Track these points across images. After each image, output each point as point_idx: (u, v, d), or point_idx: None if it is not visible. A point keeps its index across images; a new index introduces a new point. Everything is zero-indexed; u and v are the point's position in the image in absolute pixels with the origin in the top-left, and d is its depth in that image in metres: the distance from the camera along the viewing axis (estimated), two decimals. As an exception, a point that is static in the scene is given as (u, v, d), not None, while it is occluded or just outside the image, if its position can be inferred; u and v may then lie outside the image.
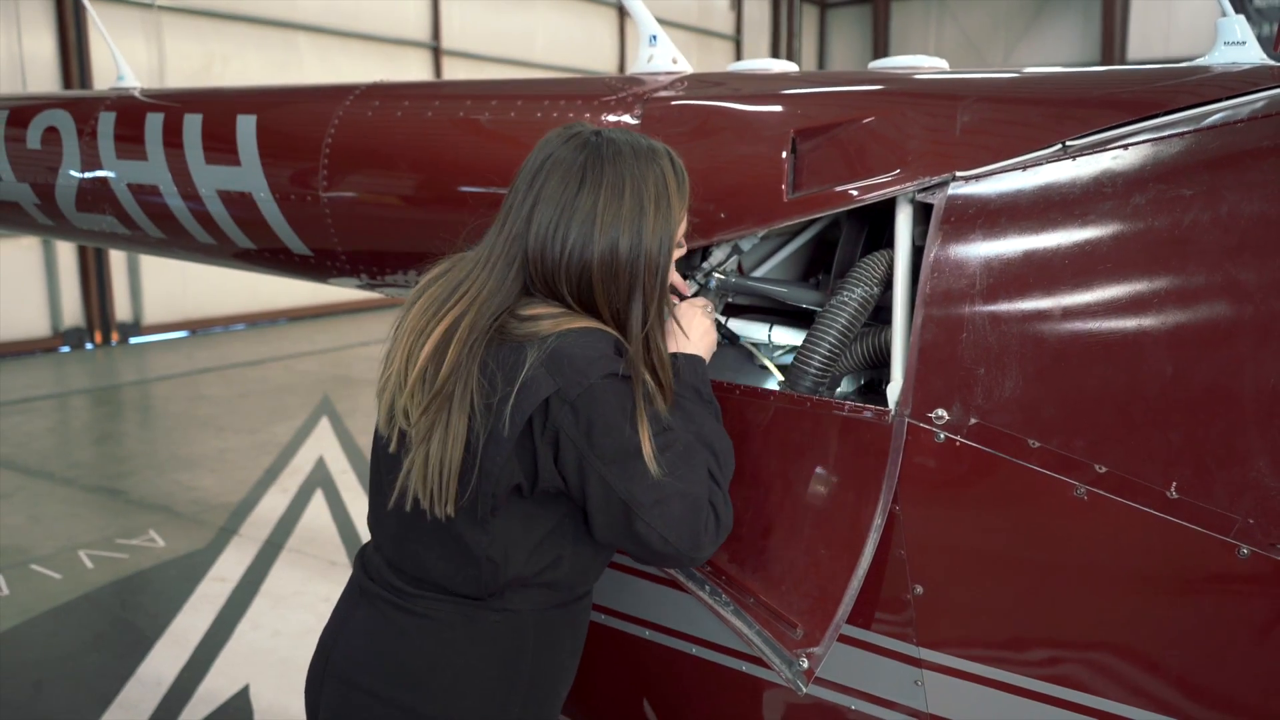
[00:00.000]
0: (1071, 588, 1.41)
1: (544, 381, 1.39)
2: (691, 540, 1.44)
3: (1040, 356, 1.40)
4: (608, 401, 1.40)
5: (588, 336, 1.43)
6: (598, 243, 1.45)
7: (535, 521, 1.49)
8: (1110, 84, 1.69)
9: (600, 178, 1.46)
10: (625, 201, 1.46)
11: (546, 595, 1.55)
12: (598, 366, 1.41)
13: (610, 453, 1.41)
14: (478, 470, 1.42)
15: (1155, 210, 1.38)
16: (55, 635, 4.59)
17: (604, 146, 1.48)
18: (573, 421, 1.40)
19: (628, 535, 1.45)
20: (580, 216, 1.45)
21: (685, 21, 19.36)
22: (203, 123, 2.51)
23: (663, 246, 1.50)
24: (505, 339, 1.43)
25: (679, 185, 1.54)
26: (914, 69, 1.96)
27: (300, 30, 12.95)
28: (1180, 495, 1.30)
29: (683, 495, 1.43)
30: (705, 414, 1.59)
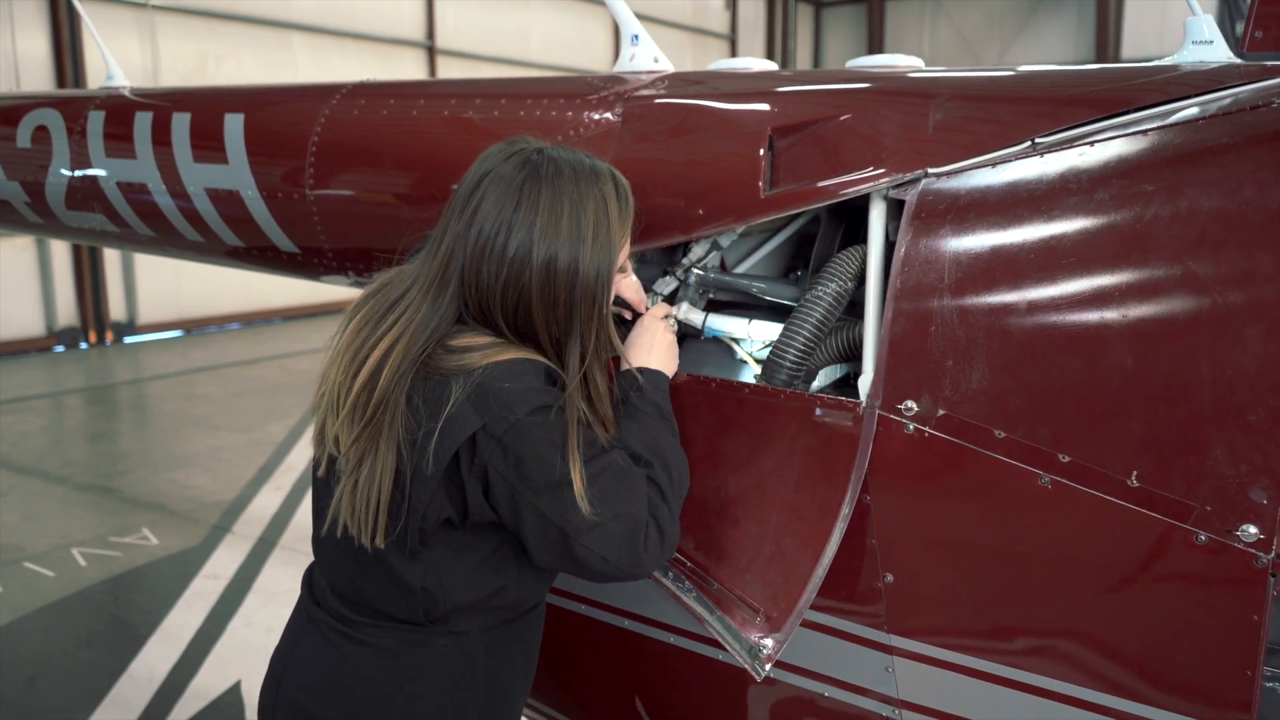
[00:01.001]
0: (1038, 575, 1.44)
1: (469, 418, 1.37)
2: (631, 559, 1.44)
3: (1006, 349, 1.43)
4: (536, 436, 1.39)
5: (515, 369, 1.42)
6: (535, 263, 1.43)
7: (470, 550, 1.49)
8: (1080, 82, 1.72)
9: (538, 198, 1.44)
10: (563, 225, 1.44)
11: (494, 615, 1.55)
12: (524, 401, 1.39)
13: (542, 484, 1.40)
14: (407, 505, 1.41)
15: (1117, 206, 1.41)
16: (48, 632, 4.61)
17: (544, 165, 1.47)
18: (500, 457, 1.38)
19: (567, 560, 1.45)
20: (517, 236, 1.43)
21: (680, 20, 19.40)
22: (191, 121, 2.53)
23: (600, 274, 1.48)
24: (432, 371, 1.41)
25: (621, 210, 1.53)
26: (890, 67, 1.98)
27: (295, 30, 12.97)
28: (1141, 484, 1.34)
29: (619, 517, 1.43)
30: (664, 429, 1.60)
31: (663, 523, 1.49)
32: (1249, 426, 1.28)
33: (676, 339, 1.80)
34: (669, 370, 1.72)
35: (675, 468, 1.56)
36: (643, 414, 1.60)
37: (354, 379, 1.43)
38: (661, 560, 1.50)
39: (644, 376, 1.65)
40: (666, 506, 1.51)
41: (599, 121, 2.01)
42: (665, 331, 1.75)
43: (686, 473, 1.60)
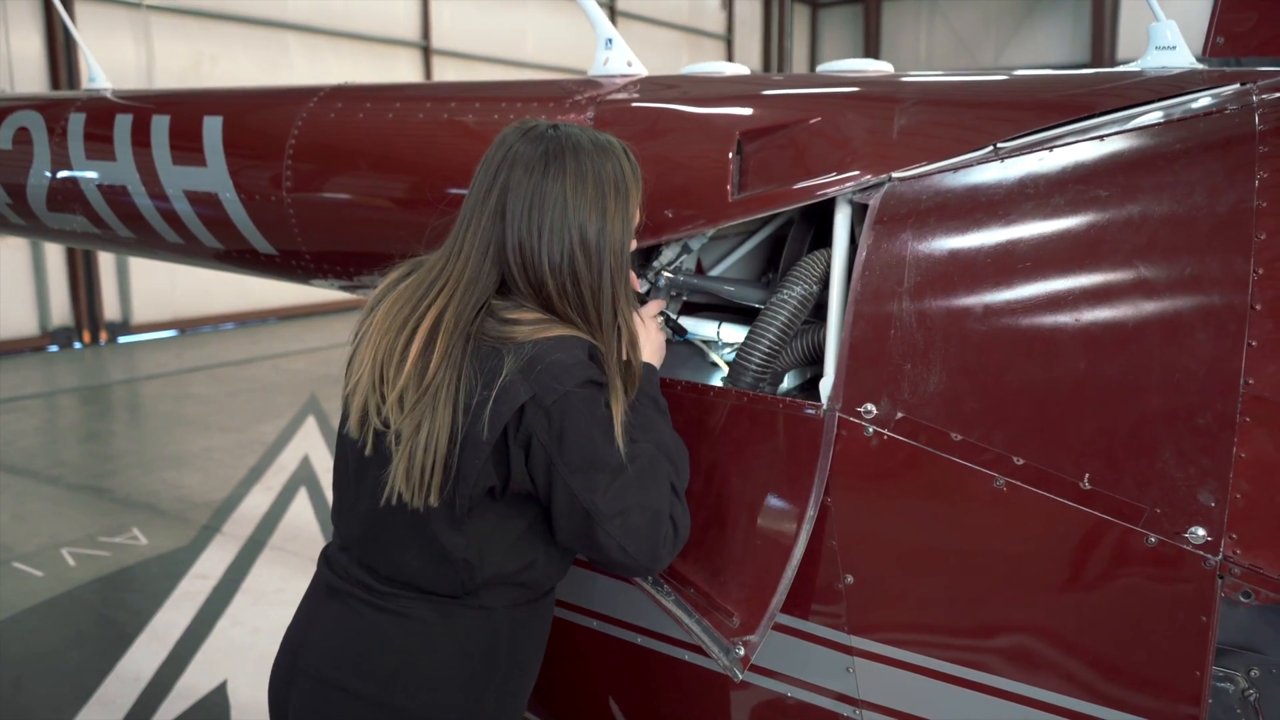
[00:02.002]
0: (994, 577, 1.45)
1: (520, 388, 1.41)
2: (650, 552, 1.47)
3: (963, 352, 1.45)
4: (581, 410, 1.43)
5: (564, 344, 1.45)
6: (572, 229, 1.48)
7: (509, 523, 1.52)
8: (1045, 87, 1.74)
9: (563, 167, 1.49)
10: (589, 189, 1.49)
11: (519, 593, 1.57)
12: (574, 374, 1.43)
13: (578, 462, 1.43)
14: (456, 471, 1.44)
15: (1072, 211, 1.43)
16: (36, 632, 4.62)
17: (563, 139, 1.52)
18: (545, 427, 1.42)
19: (589, 543, 1.48)
20: (551, 203, 1.47)
21: (676, 21, 19.42)
22: (170, 124, 2.55)
23: (626, 234, 1.54)
24: (483, 339, 1.45)
25: (635, 178, 1.58)
26: (860, 72, 2.00)
27: (290, 30, 12.96)
28: (1093, 486, 1.35)
29: (644, 508, 1.46)
30: (662, 423, 1.62)
31: (676, 518, 1.52)
32: (1197, 429, 1.29)
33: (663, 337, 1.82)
34: (658, 363, 1.75)
35: (679, 461, 1.59)
36: (641, 408, 1.61)
37: (406, 349, 1.46)
38: (674, 555, 1.52)
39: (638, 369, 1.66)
40: (679, 502, 1.54)
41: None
42: (657, 329, 1.79)
43: (687, 464, 1.63)
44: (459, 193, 2.13)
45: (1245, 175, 1.34)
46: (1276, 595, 1.26)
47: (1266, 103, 1.45)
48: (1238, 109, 1.45)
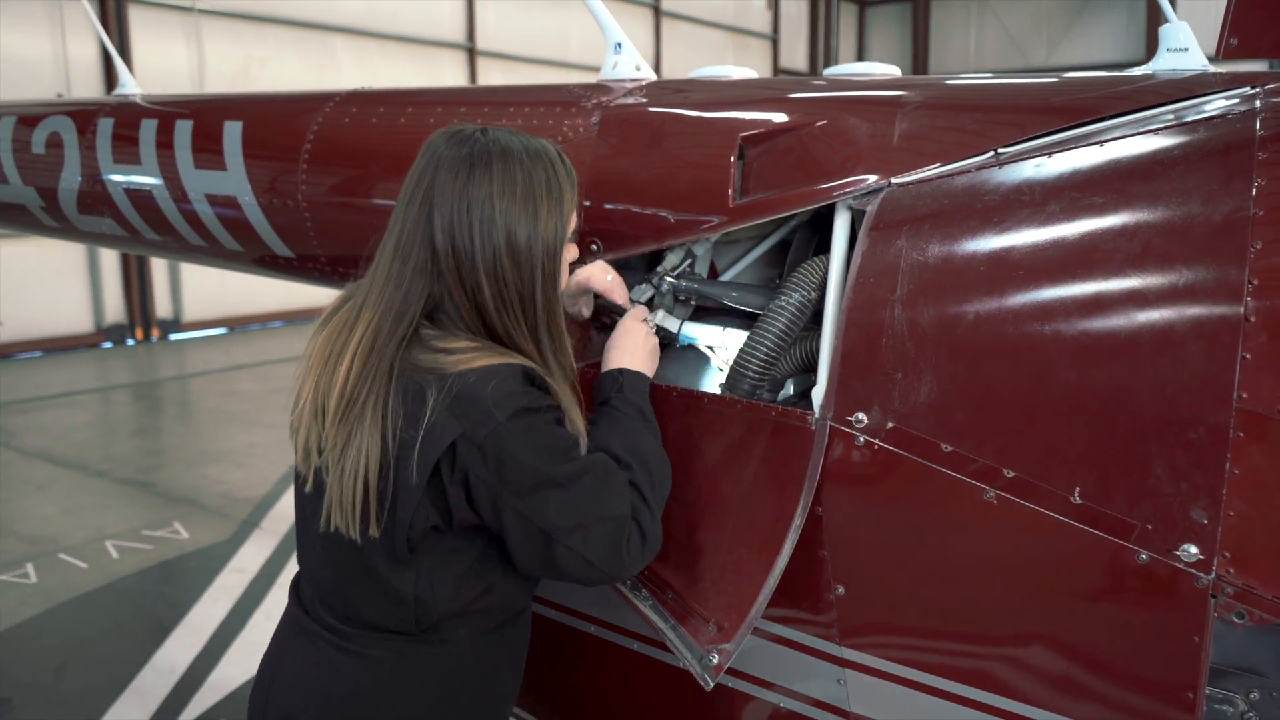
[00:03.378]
0: (984, 592, 1.42)
1: (448, 426, 1.37)
2: (614, 560, 1.45)
3: (955, 362, 1.42)
4: (516, 438, 1.39)
5: (492, 374, 1.41)
6: (499, 231, 1.44)
7: (459, 554, 1.49)
8: (1051, 91, 1.71)
9: (489, 170, 1.46)
10: (518, 192, 1.46)
11: (481, 621, 1.54)
12: (503, 406, 1.39)
13: (524, 487, 1.40)
14: (391, 512, 1.41)
15: (1067, 218, 1.40)
16: (78, 622, 4.74)
17: (490, 143, 1.49)
18: (480, 462, 1.39)
19: (550, 564, 1.45)
20: (479, 204, 1.44)
21: (720, 21, 19.38)
22: (193, 128, 2.59)
23: (559, 239, 1.51)
24: (408, 369, 1.41)
25: (570, 183, 1.55)
26: (866, 75, 1.98)
27: (337, 32, 13.15)
28: (1084, 500, 1.32)
29: (603, 519, 1.44)
30: (644, 431, 1.60)
31: (644, 524, 1.50)
32: (1190, 444, 1.26)
33: (658, 343, 1.81)
34: (649, 373, 1.73)
35: (656, 469, 1.57)
36: (624, 415, 1.61)
37: (333, 379, 1.44)
38: (644, 562, 1.51)
39: (625, 378, 1.67)
40: (648, 508, 1.52)
41: (576, 130, 2.02)
42: (647, 335, 1.77)
43: (668, 475, 1.60)
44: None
45: (1242, 183, 1.30)
46: (1270, 616, 1.22)
47: (1269, 107, 1.41)
48: (1240, 114, 1.41)
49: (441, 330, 1.47)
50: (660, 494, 1.57)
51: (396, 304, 1.45)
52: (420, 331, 1.46)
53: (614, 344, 1.74)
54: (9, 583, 5.13)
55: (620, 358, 1.71)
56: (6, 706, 3.98)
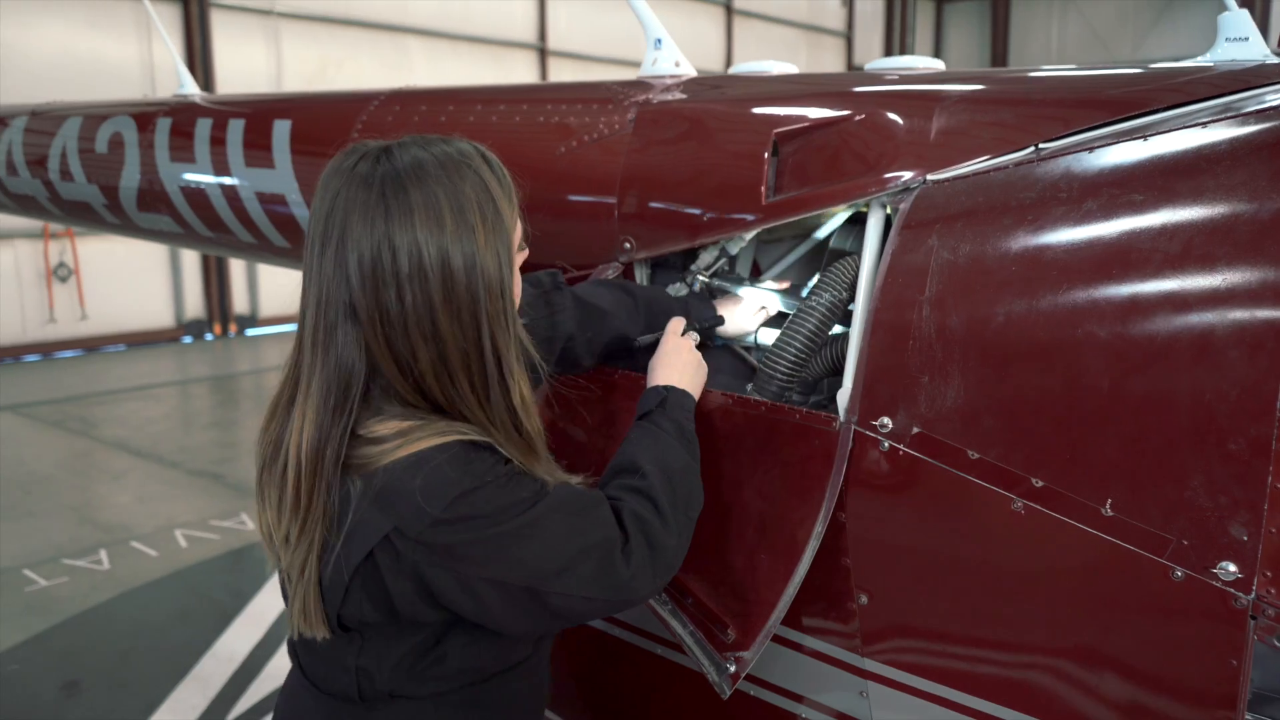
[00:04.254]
0: (1010, 605, 1.36)
1: (375, 523, 1.23)
2: (613, 586, 1.32)
3: (983, 366, 1.36)
4: (459, 525, 1.23)
5: (422, 463, 1.23)
6: (432, 271, 1.23)
7: (405, 637, 1.34)
8: (1098, 84, 1.63)
9: (407, 198, 1.23)
10: (445, 219, 1.23)
11: (442, 682, 1.38)
12: (436, 499, 1.22)
13: (487, 555, 1.25)
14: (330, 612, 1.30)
15: (1104, 216, 1.33)
16: (145, 608, 4.88)
17: (399, 167, 1.25)
18: (427, 555, 1.23)
19: (547, 616, 1.31)
20: (403, 246, 1.21)
21: (794, 18, 19.20)
22: (244, 127, 2.64)
23: (500, 264, 1.28)
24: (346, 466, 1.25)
25: (502, 187, 1.32)
26: (907, 69, 1.92)
27: (411, 34, 13.34)
28: (1115, 513, 1.25)
29: (585, 550, 1.30)
30: (678, 448, 1.49)
31: (652, 537, 1.37)
32: (1229, 456, 1.19)
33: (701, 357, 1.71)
34: (696, 390, 1.64)
35: (682, 485, 1.46)
36: (661, 431, 1.51)
37: (284, 484, 1.27)
38: (656, 577, 1.38)
39: (670, 395, 1.58)
40: (659, 520, 1.39)
41: (612, 127, 2.00)
42: (691, 350, 1.68)
43: (697, 495, 1.50)
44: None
45: (1291, 179, 1.22)
46: (1314, 641, 1.15)
47: (1326, 99, 1.32)
48: (1293, 106, 1.33)
49: (374, 409, 1.28)
50: (683, 511, 1.44)
51: (333, 384, 1.25)
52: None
53: (660, 360, 1.66)
54: (83, 568, 5.31)
55: (668, 375, 1.62)
56: (75, 689, 4.11)
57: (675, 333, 1.72)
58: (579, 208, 2.02)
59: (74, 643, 4.53)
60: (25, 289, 10.93)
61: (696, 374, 1.66)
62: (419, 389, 1.28)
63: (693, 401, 1.61)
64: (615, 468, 1.50)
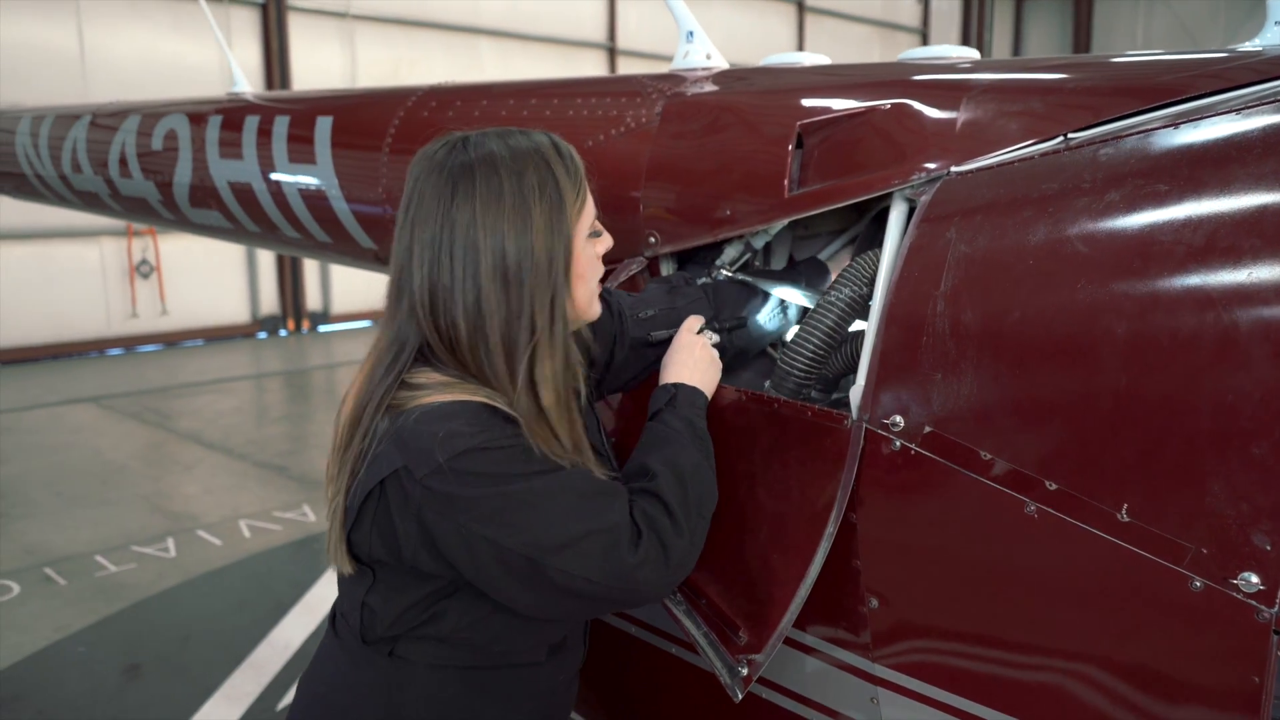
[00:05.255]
0: (1022, 612, 1.31)
1: (390, 457, 1.29)
2: (618, 572, 1.31)
3: (997, 363, 1.31)
4: (462, 477, 1.27)
5: (445, 411, 1.30)
6: (485, 255, 1.32)
7: (413, 585, 1.38)
8: (1131, 72, 1.56)
9: (473, 183, 1.33)
10: (505, 206, 1.33)
11: (445, 651, 1.41)
12: (446, 447, 1.27)
13: (488, 511, 1.28)
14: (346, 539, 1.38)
15: (1126, 209, 1.27)
16: (208, 596, 5.00)
17: (472, 154, 1.35)
18: (432, 501, 1.28)
19: (548, 591, 1.31)
20: (462, 229, 1.32)
21: (867, 15, 18.93)
22: (289, 124, 2.68)
23: (557, 246, 1.36)
24: (390, 407, 1.34)
25: (570, 176, 1.39)
26: (940, 59, 1.86)
27: (482, 34, 13.49)
28: (1132, 518, 1.19)
29: (592, 533, 1.30)
30: (689, 446, 1.48)
31: (665, 537, 1.36)
32: (1252, 460, 1.12)
33: (718, 353, 1.70)
34: (709, 387, 1.61)
35: (694, 485, 1.44)
36: (670, 430, 1.50)
37: (337, 420, 1.41)
38: (667, 575, 1.36)
39: (679, 393, 1.57)
40: (670, 521, 1.38)
41: (639, 120, 1.98)
42: (704, 347, 1.66)
43: (709, 495, 1.47)
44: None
45: (1324, 168, 1.15)
46: (1342, 659, 1.07)
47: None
48: (1332, 91, 1.25)
49: (424, 360, 1.38)
50: (694, 511, 1.42)
51: (391, 347, 1.37)
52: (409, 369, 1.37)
53: (670, 358, 1.65)
54: (150, 555, 5.47)
55: (678, 372, 1.61)
56: (135, 673, 4.23)
57: (690, 329, 1.69)
58: (606, 202, 2.00)
59: (137, 628, 4.66)
60: (110, 285, 11.32)
61: (708, 371, 1.63)
62: (457, 357, 1.36)
63: (704, 398, 1.58)
64: (626, 474, 1.48)
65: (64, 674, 4.23)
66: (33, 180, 4.01)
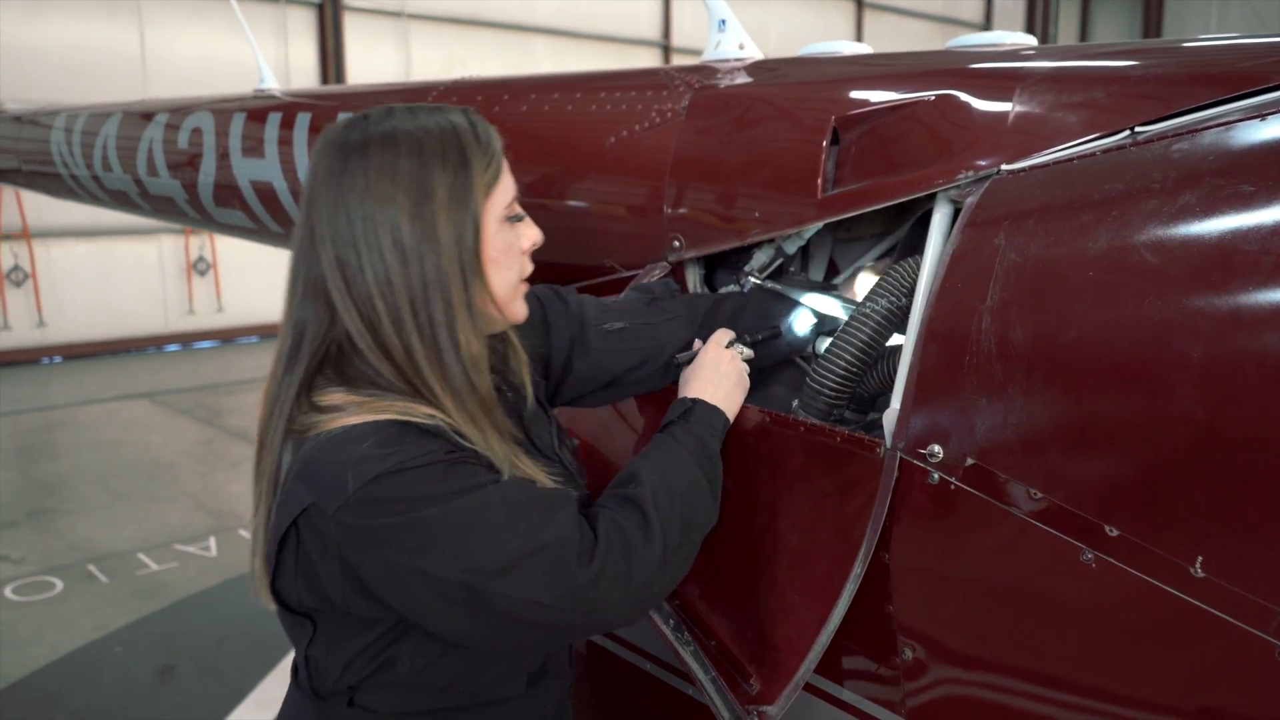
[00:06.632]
0: (1075, 673, 1.15)
1: (299, 494, 1.17)
2: (570, 593, 1.16)
3: (1051, 388, 1.15)
4: (381, 505, 1.14)
5: (349, 436, 1.17)
6: (384, 234, 1.19)
7: (358, 632, 1.25)
8: (1206, 58, 1.39)
9: (365, 159, 1.21)
10: (402, 173, 1.20)
11: (408, 697, 1.29)
12: (357, 474, 1.14)
13: (413, 542, 1.14)
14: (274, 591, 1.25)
15: (1204, 211, 1.10)
16: (244, 598, 4.93)
17: (372, 125, 1.24)
18: (347, 536, 1.15)
19: (494, 623, 1.18)
20: (356, 206, 1.20)
21: (928, 11, 18.54)
22: (310, 121, 2.59)
23: (463, 218, 1.22)
24: (291, 431, 1.22)
25: (479, 144, 1.25)
26: (993, 46, 1.70)
27: (536, 33, 13.45)
28: (1207, 574, 1.03)
29: (536, 549, 1.16)
30: (690, 464, 1.34)
31: (631, 550, 1.21)
32: (1354, 511, 0.95)
33: (746, 370, 1.55)
34: (730, 408, 1.48)
35: (683, 501, 1.30)
36: (674, 442, 1.37)
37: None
38: (631, 598, 1.21)
39: (697, 407, 1.44)
40: (643, 533, 1.23)
41: (664, 114, 1.85)
42: (731, 362, 1.52)
43: (703, 518, 1.34)
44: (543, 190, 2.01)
45: None
46: None
47: None
48: None
49: (339, 379, 1.23)
50: (678, 530, 1.28)
51: (289, 340, 1.25)
52: (316, 379, 1.23)
53: (693, 371, 1.51)
54: (192, 554, 5.46)
55: (700, 387, 1.47)
56: (169, 674, 4.21)
57: (719, 344, 1.55)
58: (627, 202, 1.87)
59: (174, 628, 4.64)
60: (168, 282, 11.48)
61: (734, 389, 1.49)
62: (390, 359, 1.22)
63: (722, 418, 1.44)
64: (617, 479, 1.34)
65: (99, 674, 4.22)
66: (67, 180, 4.00)
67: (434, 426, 1.20)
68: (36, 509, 6.24)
